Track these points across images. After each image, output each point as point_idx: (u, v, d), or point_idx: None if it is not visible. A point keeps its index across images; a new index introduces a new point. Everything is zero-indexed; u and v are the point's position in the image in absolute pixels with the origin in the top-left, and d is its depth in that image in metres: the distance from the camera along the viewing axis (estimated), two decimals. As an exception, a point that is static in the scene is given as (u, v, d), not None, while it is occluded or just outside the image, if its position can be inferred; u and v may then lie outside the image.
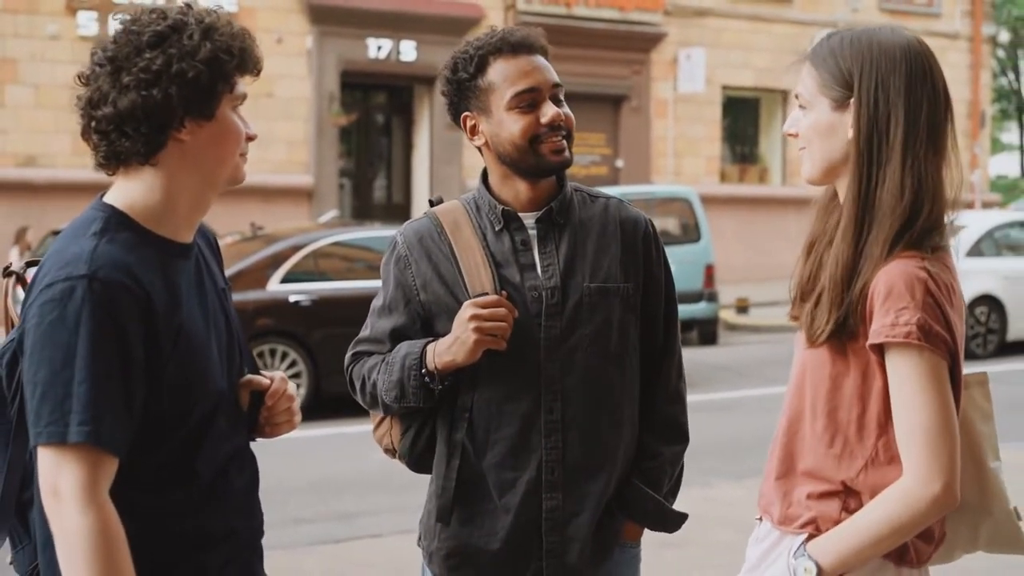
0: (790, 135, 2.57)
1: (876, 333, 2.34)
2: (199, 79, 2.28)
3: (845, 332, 2.40)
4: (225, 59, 2.32)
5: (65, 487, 2.16)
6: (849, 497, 2.42)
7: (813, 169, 2.52)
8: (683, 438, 3.07)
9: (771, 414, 11.40)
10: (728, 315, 19.11)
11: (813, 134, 2.49)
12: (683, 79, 24.12)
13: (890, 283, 2.33)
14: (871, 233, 2.39)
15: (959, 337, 2.37)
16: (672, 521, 3.04)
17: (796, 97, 2.54)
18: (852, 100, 2.42)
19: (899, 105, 2.39)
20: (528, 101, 2.85)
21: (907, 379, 2.33)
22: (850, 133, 2.43)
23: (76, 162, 18.98)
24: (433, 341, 2.86)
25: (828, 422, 2.44)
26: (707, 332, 16.63)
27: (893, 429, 2.36)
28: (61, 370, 2.17)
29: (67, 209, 17.51)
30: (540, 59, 2.90)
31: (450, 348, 2.80)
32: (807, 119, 2.50)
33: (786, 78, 25.49)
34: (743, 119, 26.61)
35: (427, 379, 2.84)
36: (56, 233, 15.17)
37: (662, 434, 3.03)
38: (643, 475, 2.99)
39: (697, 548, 6.61)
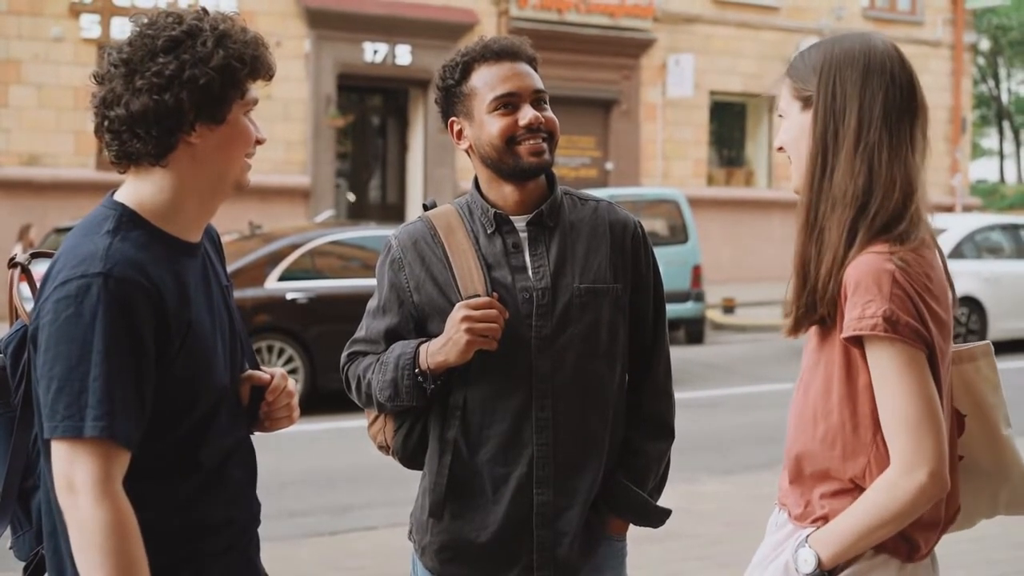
0: (779, 150, 2.59)
1: (846, 327, 2.35)
2: (211, 86, 2.29)
3: (808, 321, 2.44)
4: (237, 67, 2.33)
5: (80, 480, 2.17)
6: (861, 493, 2.42)
7: (797, 177, 2.53)
8: (669, 435, 3.09)
9: (756, 411, 11.72)
10: (714, 314, 19.19)
11: (789, 139, 2.52)
12: (672, 84, 24.26)
13: (858, 277, 2.34)
14: (826, 220, 2.41)
15: (938, 326, 2.38)
16: (656, 517, 3.07)
17: (778, 111, 2.58)
18: (812, 96, 2.45)
19: (854, 96, 2.41)
20: (507, 104, 2.89)
21: (883, 370, 2.34)
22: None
23: (78, 161, 19.15)
24: (426, 341, 2.89)
25: (827, 427, 2.45)
26: (694, 331, 16.64)
27: None
28: (77, 365, 2.18)
29: (69, 208, 17.73)
30: (523, 66, 2.93)
31: (442, 348, 2.82)
32: (782, 126, 2.54)
33: (772, 83, 25.66)
34: (730, 123, 26.68)
35: (420, 379, 2.86)
36: (59, 231, 15.28)
37: (648, 431, 3.05)
38: (628, 471, 3.01)
39: (683, 542, 6.67)
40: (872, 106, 2.41)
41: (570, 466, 2.94)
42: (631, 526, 3.12)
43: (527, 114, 2.89)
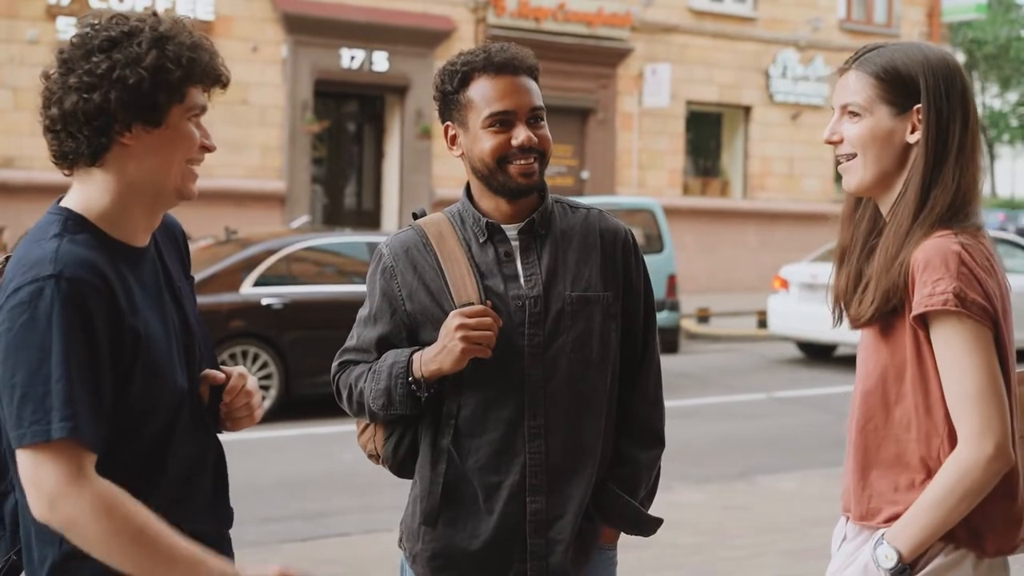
0: (831, 142, 2.66)
1: (916, 305, 2.44)
2: (140, 86, 2.27)
3: (888, 310, 2.52)
4: (171, 68, 2.30)
5: (51, 485, 2.16)
6: (930, 478, 2.49)
7: (866, 177, 2.62)
8: (659, 443, 3.09)
9: (730, 421, 11.79)
10: (689, 324, 19.27)
11: (870, 140, 2.59)
12: (648, 93, 24.33)
13: (926, 258, 2.45)
14: (920, 226, 2.52)
15: (1002, 304, 2.48)
16: (648, 525, 3.07)
17: (844, 107, 2.63)
18: (919, 107, 2.55)
19: (958, 111, 2.55)
20: (502, 121, 2.88)
21: (949, 346, 2.43)
22: (909, 138, 2.57)
23: (53, 165, 19.15)
24: (419, 350, 2.89)
25: (902, 410, 2.54)
26: (669, 340, 16.60)
27: None
28: (38, 369, 2.16)
29: (43, 210, 17.51)
30: (523, 81, 2.92)
31: (436, 357, 2.83)
32: (862, 126, 2.60)
33: (748, 94, 25.81)
34: (706, 133, 26.74)
35: (414, 387, 2.86)
36: (31, 234, 15.28)
37: (639, 439, 3.06)
38: (620, 480, 3.02)
39: (658, 551, 6.65)
40: (967, 124, 2.56)
41: (563, 474, 2.94)
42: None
43: (520, 135, 2.88)
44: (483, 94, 2.90)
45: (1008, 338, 2.50)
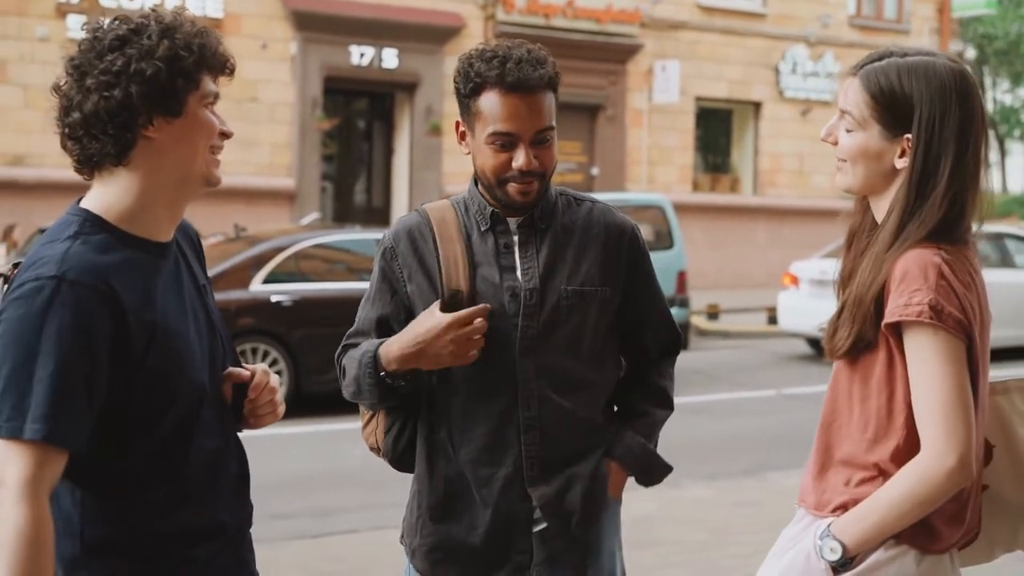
0: (827, 141, 2.66)
1: (890, 313, 2.44)
2: (158, 76, 2.30)
3: (863, 342, 2.51)
4: (184, 55, 2.33)
5: (9, 477, 2.16)
6: (884, 479, 2.49)
7: (855, 185, 2.62)
8: (670, 405, 3.14)
9: (739, 417, 11.73)
10: (699, 321, 19.27)
11: (859, 156, 2.58)
12: (658, 90, 24.30)
13: (905, 268, 2.44)
14: (897, 249, 2.52)
15: (979, 319, 2.48)
16: (657, 469, 3.10)
17: (843, 111, 2.62)
18: (909, 137, 2.52)
19: (951, 143, 2.50)
20: (504, 142, 2.86)
21: (921, 357, 2.41)
22: (898, 163, 2.54)
23: (63, 162, 18.40)
24: (385, 342, 2.91)
25: (862, 410, 2.53)
26: (678, 337, 16.74)
27: None
28: (22, 367, 2.18)
29: (54, 208, 17.69)
30: (535, 100, 2.88)
31: (413, 355, 2.85)
32: (854, 140, 2.59)
33: (758, 90, 25.68)
34: (716, 130, 26.71)
35: (388, 380, 2.88)
36: (43, 231, 15.32)
37: (653, 398, 3.10)
38: (636, 427, 3.05)
39: (665, 548, 6.68)
40: (964, 154, 2.52)
41: (557, 466, 2.95)
42: (622, 537, 3.14)
43: (520, 158, 2.87)
44: (491, 109, 2.88)
45: (982, 354, 2.50)
